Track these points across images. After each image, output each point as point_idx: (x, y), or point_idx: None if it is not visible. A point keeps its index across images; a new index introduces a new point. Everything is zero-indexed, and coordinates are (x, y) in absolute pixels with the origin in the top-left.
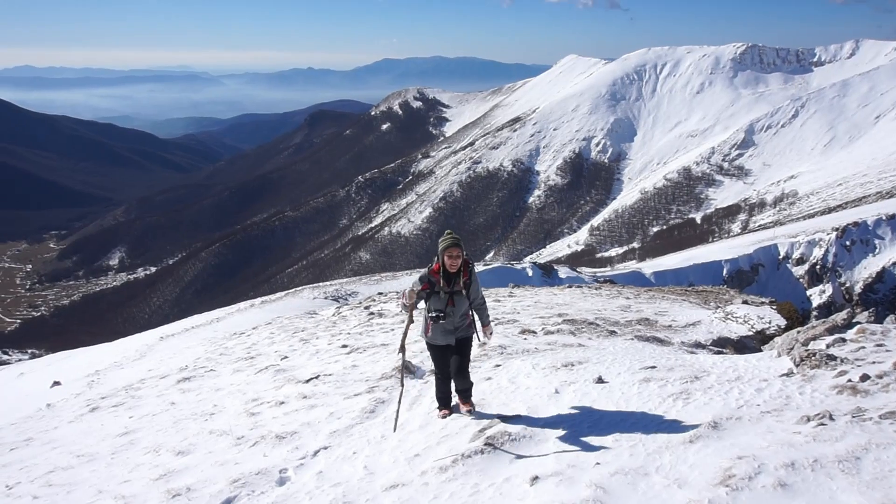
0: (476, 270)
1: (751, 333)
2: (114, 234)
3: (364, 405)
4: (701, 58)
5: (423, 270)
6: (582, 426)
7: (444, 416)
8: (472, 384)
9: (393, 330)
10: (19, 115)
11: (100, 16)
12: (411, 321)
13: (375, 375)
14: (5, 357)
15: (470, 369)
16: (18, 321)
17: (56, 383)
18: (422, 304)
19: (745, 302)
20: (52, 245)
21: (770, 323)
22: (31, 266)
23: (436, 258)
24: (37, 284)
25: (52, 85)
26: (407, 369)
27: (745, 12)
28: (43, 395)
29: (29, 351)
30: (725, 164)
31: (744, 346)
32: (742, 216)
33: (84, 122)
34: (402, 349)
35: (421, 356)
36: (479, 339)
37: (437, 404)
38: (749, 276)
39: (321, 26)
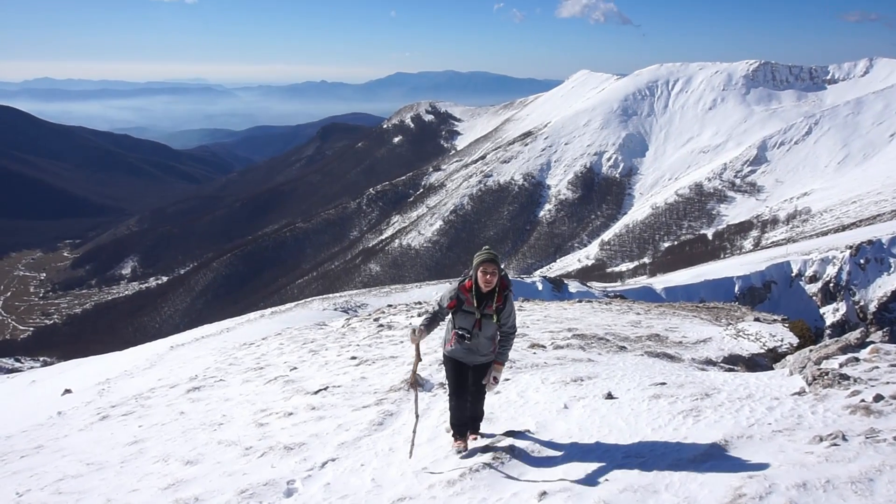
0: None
1: (762, 351)
2: (127, 244)
3: (372, 417)
4: (713, 74)
5: (454, 284)
6: (591, 442)
7: (460, 450)
8: (483, 414)
9: (402, 342)
10: (38, 126)
11: (118, 29)
12: (419, 358)
13: (384, 388)
14: (17, 364)
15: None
16: (31, 329)
17: (67, 391)
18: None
19: (756, 319)
20: (66, 254)
21: (782, 341)
22: (44, 274)
23: (468, 273)
24: (50, 293)
25: (70, 97)
26: (416, 381)
27: (758, 30)
28: (54, 403)
29: (41, 359)
30: (738, 181)
31: (755, 363)
32: (754, 233)
33: (100, 134)
34: (414, 384)
35: (429, 369)
36: (489, 377)
37: (448, 427)
38: (761, 294)
39: (335, 40)
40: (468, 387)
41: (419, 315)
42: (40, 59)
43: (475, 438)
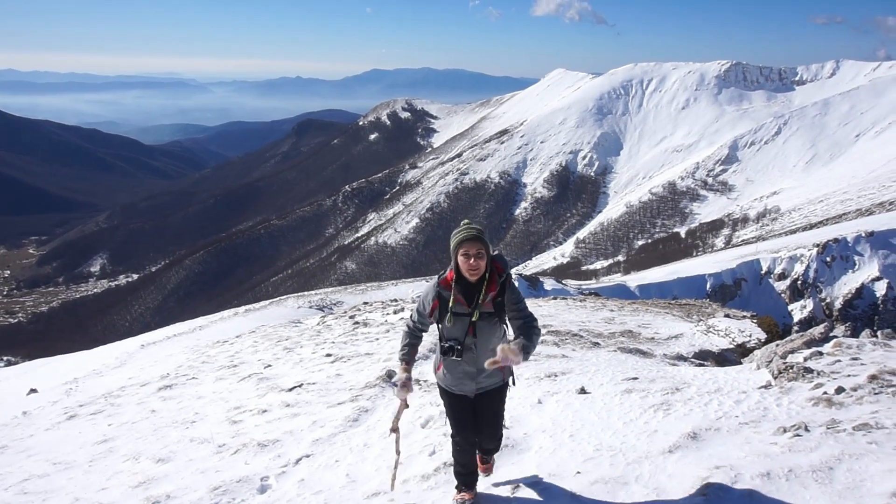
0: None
1: (732, 346)
2: (95, 241)
3: (347, 414)
4: (686, 74)
5: (432, 280)
6: (563, 436)
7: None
8: (500, 441)
9: (377, 339)
10: (2, 118)
11: (87, 20)
12: (405, 405)
13: (359, 385)
14: None
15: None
16: None
17: (33, 391)
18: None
19: (727, 315)
20: (31, 251)
21: (751, 336)
22: (8, 272)
23: (450, 264)
24: (14, 290)
25: (36, 89)
26: (390, 378)
27: (730, 31)
28: (19, 403)
29: (5, 358)
30: (710, 180)
31: (725, 358)
32: (726, 231)
33: (68, 128)
34: (396, 429)
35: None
36: (512, 383)
37: (452, 476)
38: (732, 291)
39: (311, 35)
40: (474, 422)
41: (393, 322)
42: (3, 49)
43: (486, 470)
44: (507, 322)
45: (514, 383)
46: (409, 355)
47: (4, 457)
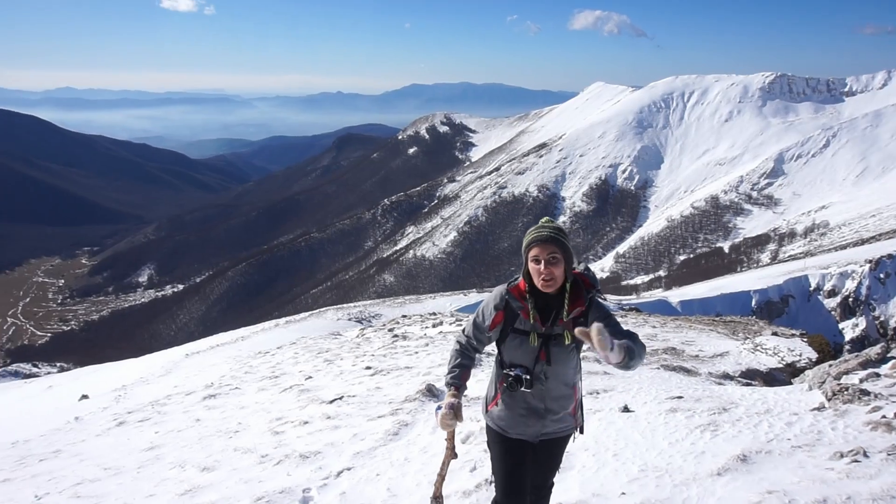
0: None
1: (781, 366)
2: (144, 252)
3: (388, 427)
4: (729, 86)
5: (499, 289)
6: (607, 455)
7: None
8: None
9: (416, 353)
10: (59, 134)
11: (139, 40)
12: (453, 454)
13: (399, 398)
14: (35, 370)
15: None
16: (49, 335)
17: (84, 397)
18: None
19: (774, 333)
20: (84, 261)
21: (801, 356)
22: (63, 281)
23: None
24: (68, 299)
25: (91, 106)
26: (430, 392)
27: (774, 43)
28: (71, 408)
29: (58, 364)
30: (754, 193)
31: (773, 378)
32: (771, 246)
33: (120, 143)
34: (438, 497)
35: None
36: (580, 432)
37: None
38: (779, 308)
39: (351, 52)
40: (528, 482)
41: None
42: (62, 69)
43: None
44: (581, 353)
45: (581, 432)
46: (459, 378)
47: (58, 461)
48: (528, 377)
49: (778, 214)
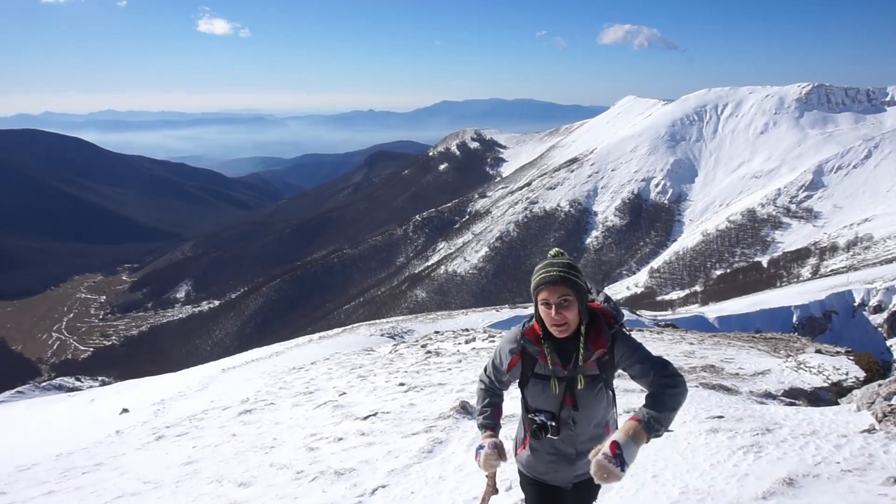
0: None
1: (826, 385)
2: (181, 268)
3: (422, 445)
4: (764, 98)
5: (514, 332)
6: (646, 476)
7: None
8: None
9: (450, 370)
10: (102, 155)
11: (176, 63)
12: (494, 490)
13: (433, 415)
14: (78, 383)
15: None
16: (91, 349)
17: (124, 410)
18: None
19: (818, 351)
20: (124, 277)
21: (847, 374)
22: (104, 297)
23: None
24: (109, 315)
25: (131, 127)
26: (464, 409)
27: (809, 53)
28: (112, 422)
29: (99, 378)
30: (793, 206)
31: (818, 398)
32: (812, 260)
33: (158, 162)
34: None
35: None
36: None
37: None
38: (821, 324)
39: (382, 70)
40: None
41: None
42: (105, 92)
43: None
44: (612, 387)
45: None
46: (492, 417)
47: (100, 473)
48: (553, 424)
49: (818, 228)
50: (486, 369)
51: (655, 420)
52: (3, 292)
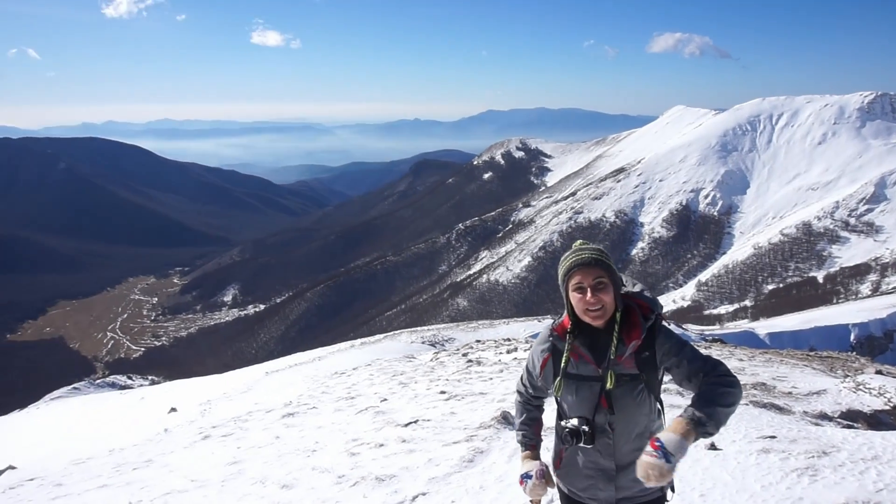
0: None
1: (888, 408)
2: (229, 273)
3: (463, 454)
4: (823, 107)
5: (543, 329)
6: (693, 495)
7: None
8: None
9: (491, 379)
10: (158, 162)
11: (230, 74)
12: None
13: (474, 424)
14: (129, 382)
15: None
16: (143, 349)
17: (173, 409)
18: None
19: (878, 372)
20: (176, 280)
21: None
22: (156, 299)
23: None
24: (160, 316)
25: (187, 135)
26: (505, 419)
27: (870, 61)
28: (161, 420)
29: (150, 377)
30: (852, 220)
31: (878, 421)
32: (872, 276)
33: (211, 169)
34: None
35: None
36: (671, 492)
37: None
38: (882, 344)
39: (429, 80)
40: None
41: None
42: (162, 102)
43: None
44: (658, 391)
45: (673, 491)
46: (531, 435)
47: (150, 470)
48: (587, 429)
49: (880, 243)
50: (521, 377)
51: (704, 415)
52: (65, 292)
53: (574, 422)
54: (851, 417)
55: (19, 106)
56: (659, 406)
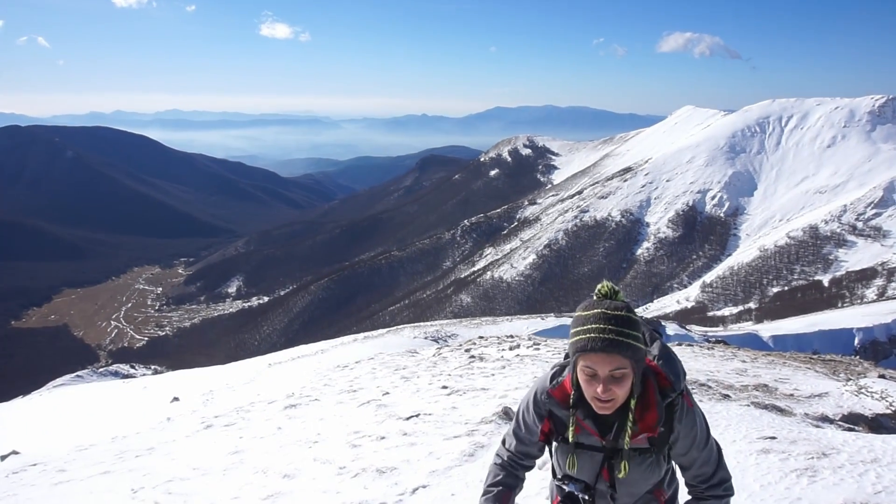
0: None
1: (889, 412)
2: (234, 264)
3: (463, 448)
4: (833, 110)
5: (537, 388)
6: None
7: None
8: None
9: (493, 375)
10: (165, 153)
11: (238, 66)
12: None
13: (475, 419)
14: (132, 371)
15: None
16: (146, 338)
17: (175, 399)
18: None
19: (881, 376)
20: (180, 271)
21: None
22: (161, 289)
23: (567, 363)
24: (164, 306)
25: (194, 126)
26: (506, 415)
27: (882, 63)
28: (163, 409)
29: (153, 367)
30: (860, 224)
31: (880, 425)
32: (879, 281)
33: (217, 161)
34: None
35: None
36: None
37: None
38: (886, 349)
39: (436, 75)
40: None
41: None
42: (170, 92)
43: None
44: (670, 458)
45: None
46: (497, 500)
47: (152, 458)
48: (587, 498)
49: (887, 247)
50: (503, 441)
51: None
52: (69, 280)
53: (572, 486)
54: (853, 420)
55: (28, 94)
56: (670, 467)
